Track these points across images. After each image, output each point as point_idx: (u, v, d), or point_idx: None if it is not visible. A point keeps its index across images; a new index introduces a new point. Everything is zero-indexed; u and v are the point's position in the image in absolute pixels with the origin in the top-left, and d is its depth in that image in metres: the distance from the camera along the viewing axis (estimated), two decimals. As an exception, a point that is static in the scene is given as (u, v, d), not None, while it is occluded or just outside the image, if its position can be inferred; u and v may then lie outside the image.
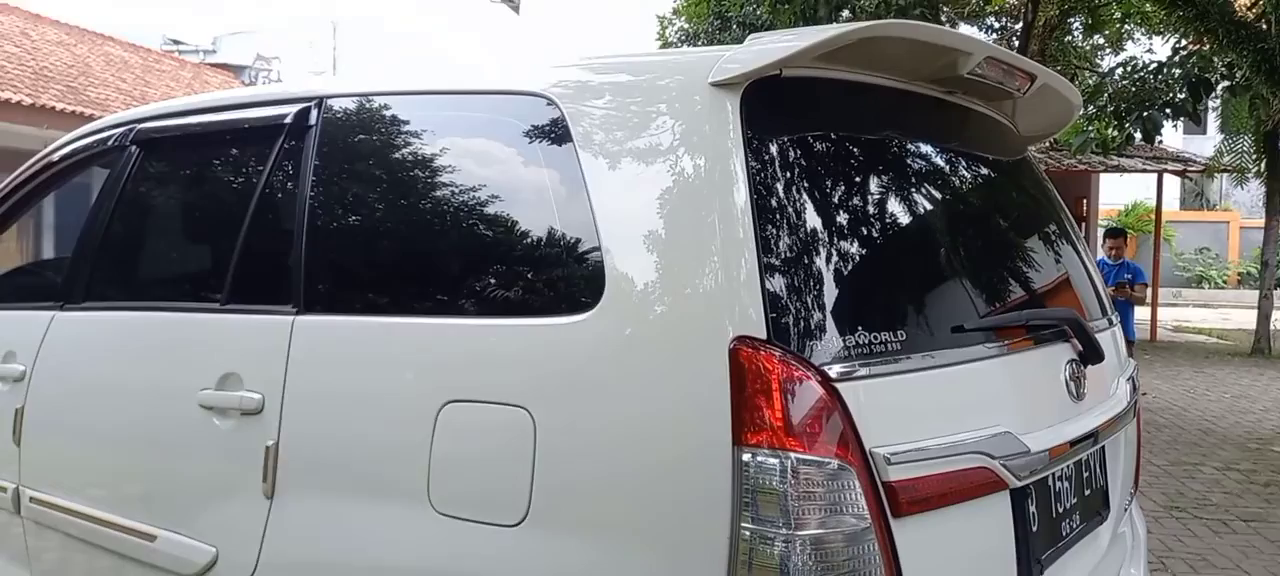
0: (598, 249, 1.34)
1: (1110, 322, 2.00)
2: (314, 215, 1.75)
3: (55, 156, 2.63)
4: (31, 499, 2.19)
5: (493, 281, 1.49)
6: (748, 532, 1.15)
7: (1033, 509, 1.52)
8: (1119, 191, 19.06)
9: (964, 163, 1.78)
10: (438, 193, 1.63)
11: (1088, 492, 1.76)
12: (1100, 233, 8.74)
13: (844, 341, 1.26)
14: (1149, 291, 10.00)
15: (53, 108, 9.88)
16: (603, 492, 1.26)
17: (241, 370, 1.73)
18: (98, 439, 2.05)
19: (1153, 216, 14.63)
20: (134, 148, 2.26)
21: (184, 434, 1.80)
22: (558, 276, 1.42)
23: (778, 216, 1.29)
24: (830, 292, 1.30)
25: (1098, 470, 1.82)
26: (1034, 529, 1.52)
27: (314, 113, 1.82)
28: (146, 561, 1.87)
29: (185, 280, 2.18)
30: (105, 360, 2.11)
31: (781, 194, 1.31)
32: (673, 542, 1.20)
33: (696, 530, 1.18)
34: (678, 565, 1.19)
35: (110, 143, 2.37)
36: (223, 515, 1.72)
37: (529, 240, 1.47)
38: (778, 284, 1.24)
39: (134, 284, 2.31)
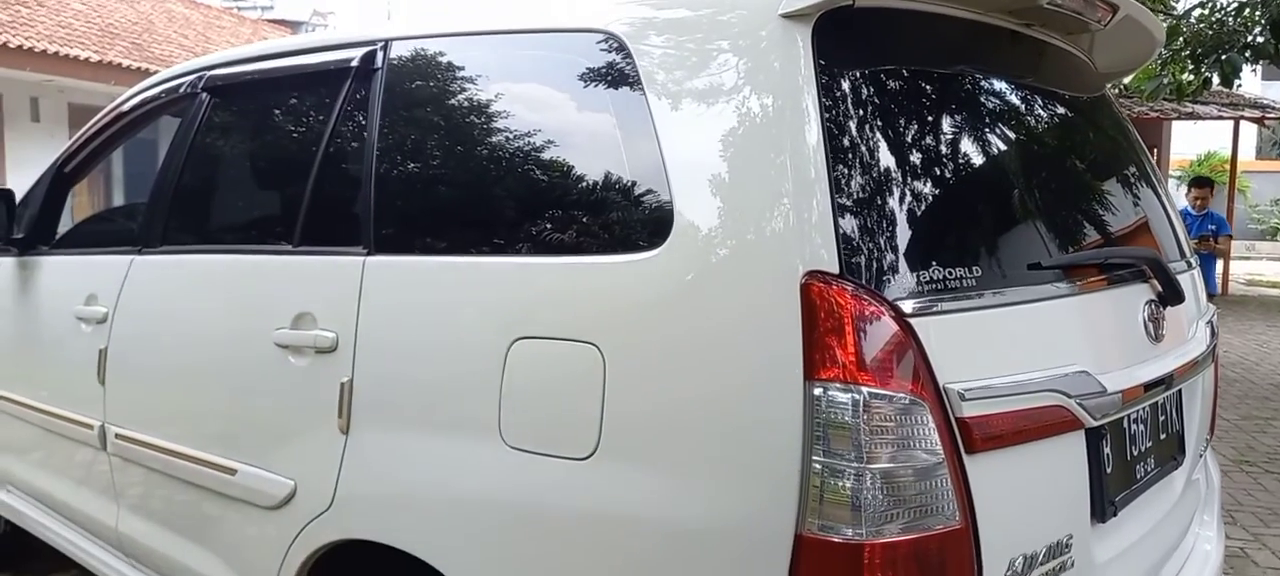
0: (666, 185, 1.34)
1: (1190, 265, 1.95)
2: (382, 157, 1.77)
3: (127, 106, 2.70)
4: (117, 436, 2.29)
5: (561, 219, 1.49)
6: (819, 466, 1.15)
7: (1107, 450, 1.49)
8: (1192, 140, 18.38)
9: (1040, 99, 1.73)
10: (503, 131, 1.64)
11: (1163, 437, 1.72)
12: (1171, 183, 8.46)
13: (917, 277, 1.25)
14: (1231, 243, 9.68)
15: (119, 64, 10.12)
16: (671, 427, 1.27)
17: (315, 310, 1.77)
18: (177, 377, 2.12)
19: (1227, 166, 14.09)
20: (205, 94, 2.31)
21: (261, 372, 1.86)
22: (626, 214, 1.42)
23: (850, 154, 1.27)
24: (903, 229, 1.28)
25: (1174, 414, 1.78)
26: (1108, 470, 1.49)
27: (379, 55, 1.83)
28: (228, 494, 1.95)
29: (258, 223, 2.23)
30: (183, 302, 2.17)
31: (854, 130, 1.29)
32: (742, 477, 1.20)
33: (767, 464, 1.18)
34: (747, 499, 1.20)
35: (181, 90, 2.42)
36: (300, 450, 1.77)
37: (596, 177, 1.47)
38: (850, 219, 1.22)
39: (208, 228, 2.38)
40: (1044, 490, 1.36)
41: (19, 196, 2.92)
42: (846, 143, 1.27)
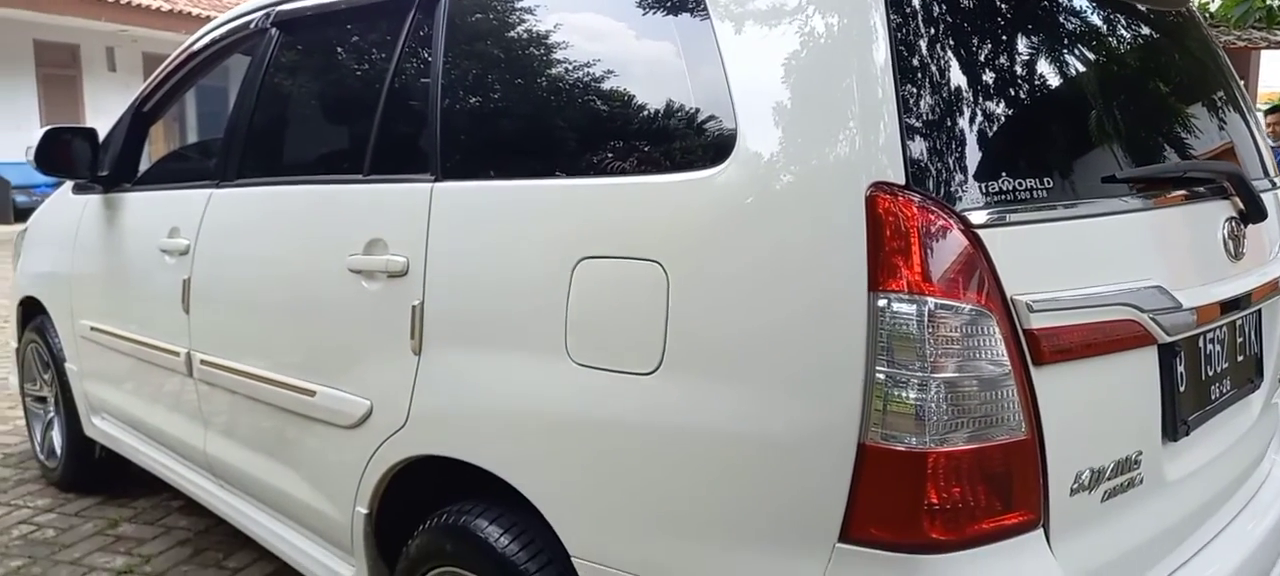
0: (729, 102, 1.33)
1: (1274, 185, 1.88)
2: (447, 84, 1.80)
3: (198, 45, 2.78)
4: (201, 361, 2.40)
5: (624, 140, 1.50)
6: (882, 377, 1.15)
7: (1181, 368, 1.47)
8: (1281, 70, 17.42)
9: (1119, 14, 1.67)
10: (566, 55, 1.65)
11: (1240, 358, 1.68)
12: (1259, 116, 8.06)
13: (986, 188, 1.23)
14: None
15: (189, 12, 10.33)
16: (734, 341, 1.28)
17: (386, 235, 1.82)
18: (256, 304, 2.21)
19: (1319, 95, 13.37)
20: (274, 30, 2.36)
21: (335, 297, 1.92)
22: (688, 131, 1.42)
23: (918, 63, 1.24)
24: (972, 142, 1.26)
25: (1252, 336, 1.73)
26: (1181, 388, 1.47)
27: (443, -17, 1.85)
28: (307, 415, 2.03)
29: (329, 154, 2.29)
30: (260, 232, 2.25)
31: (922, 43, 1.26)
32: (805, 388, 1.21)
33: (830, 375, 1.19)
34: (810, 409, 1.21)
35: (251, 27, 2.47)
36: (375, 371, 1.83)
37: (658, 96, 1.48)
38: (917, 130, 1.20)
39: (282, 160, 2.44)
40: (1114, 405, 1.34)
41: (101, 136, 3.04)
42: (914, 51, 1.24)
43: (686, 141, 1.42)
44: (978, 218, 1.20)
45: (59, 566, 2.85)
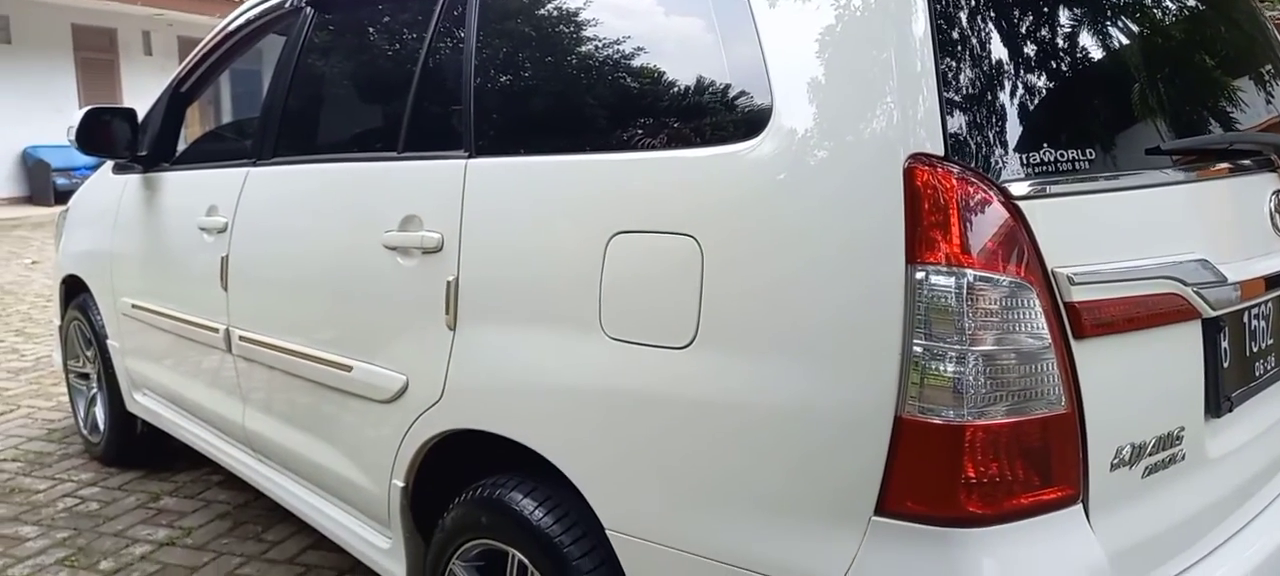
0: (764, 74, 1.32)
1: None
2: (480, 61, 1.80)
3: (234, 26, 2.80)
4: (240, 337, 2.43)
5: (658, 115, 1.50)
6: (920, 350, 1.14)
7: (1225, 344, 1.44)
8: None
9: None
10: (599, 30, 1.64)
11: (1286, 335, 1.65)
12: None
13: (1027, 159, 1.21)
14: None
15: (223, -5, 10.41)
16: (770, 314, 1.27)
17: (421, 212, 1.83)
18: (294, 281, 2.24)
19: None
20: (308, 9, 2.38)
21: (371, 273, 1.94)
22: (723, 105, 1.41)
23: (957, 32, 1.22)
24: (1012, 111, 1.24)
25: (1299, 311, 1.70)
26: (1225, 364, 1.44)
27: (477, -41, 1.85)
28: (344, 389, 2.06)
29: (364, 131, 2.31)
30: (296, 209, 2.27)
31: (963, 10, 1.24)
32: (842, 362, 1.21)
33: (867, 349, 1.18)
34: (847, 383, 1.20)
35: (286, 7, 2.49)
36: (411, 346, 1.85)
37: (692, 70, 1.47)
38: (955, 100, 1.19)
39: (317, 138, 2.47)
40: (1156, 380, 1.32)
41: (140, 116, 3.08)
42: (953, 23, 1.22)
43: (721, 115, 1.41)
44: (1018, 189, 1.18)
45: (103, 537, 2.92)
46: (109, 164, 3.34)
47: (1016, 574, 1.15)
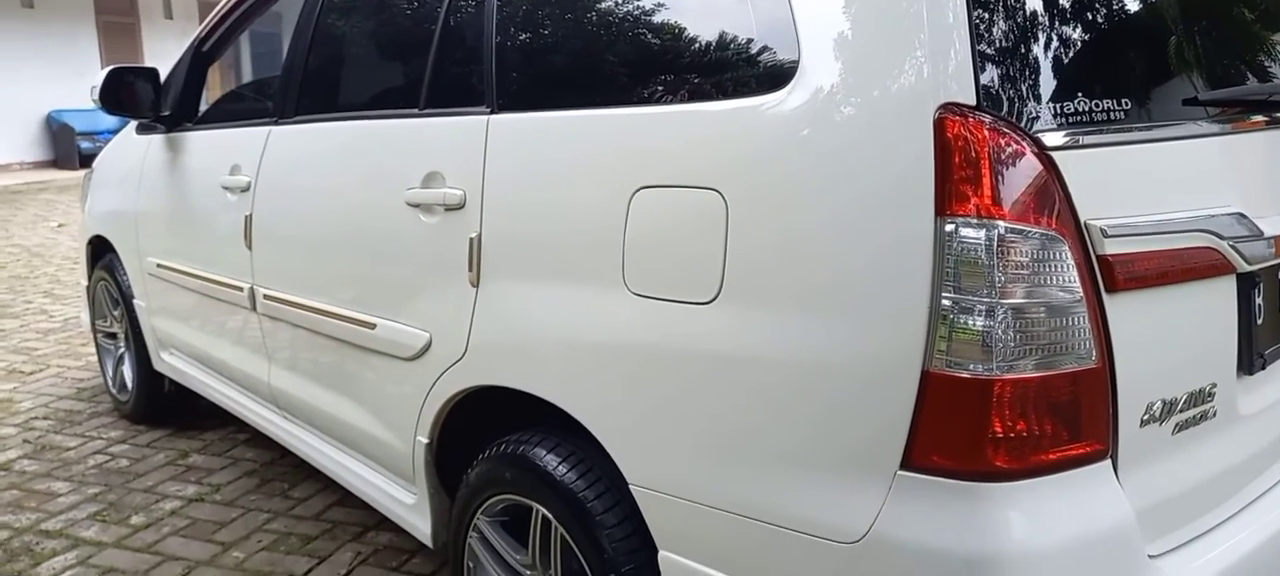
0: (791, 23, 1.30)
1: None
2: (502, 16, 1.78)
3: (254, -15, 2.79)
4: (264, 296, 2.45)
5: (682, 67, 1.48)
6: (948, 303, 1.13)
7: (1259, 300, 1.42)
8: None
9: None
10: (623, -19, 1.62)
11: (1323, 292, 1.62)
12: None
13: (1060, 109, 1.19)
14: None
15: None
16: (796, 267, 1.26)
17: (443, 168, 1.82)
18: (317, 239, 2.24)
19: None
20: (329, -34, 2.36)
21: (394, 230, 1.94)
22: (749, 56, 1.39)
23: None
24: (1046, 61, 1.22)
25: (1335, 269, 1.66)
26: (1259, 321, 1.42)
27: (498, -89, 1.82)
28: (368, 347, 2.07)
29: (385, 88, 2.30)
30: (319, 167, 2.27)
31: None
32: (868, 315, 1.19)
33: (894, 302, 1.17)
34: (873, 337, 1.19)
35: (307, -36, 2.47)
36: (434, 303, 1.86)
37: (717, 21, 1.45)
38: (988, 53, 1.16)
39: (339, 96, 2.46)
40: (1188, 335, 1.30)
41: (163, 76, 3.08)
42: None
43: (747, 67, 1.39)
44: (1051, 140, 1.16)
45: (133, 493, 2.97)
46: (132, 125, 3.35)
47: (1043, 529, 1.15)
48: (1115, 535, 1.20)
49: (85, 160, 12.96)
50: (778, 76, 1.31)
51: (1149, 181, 1.26)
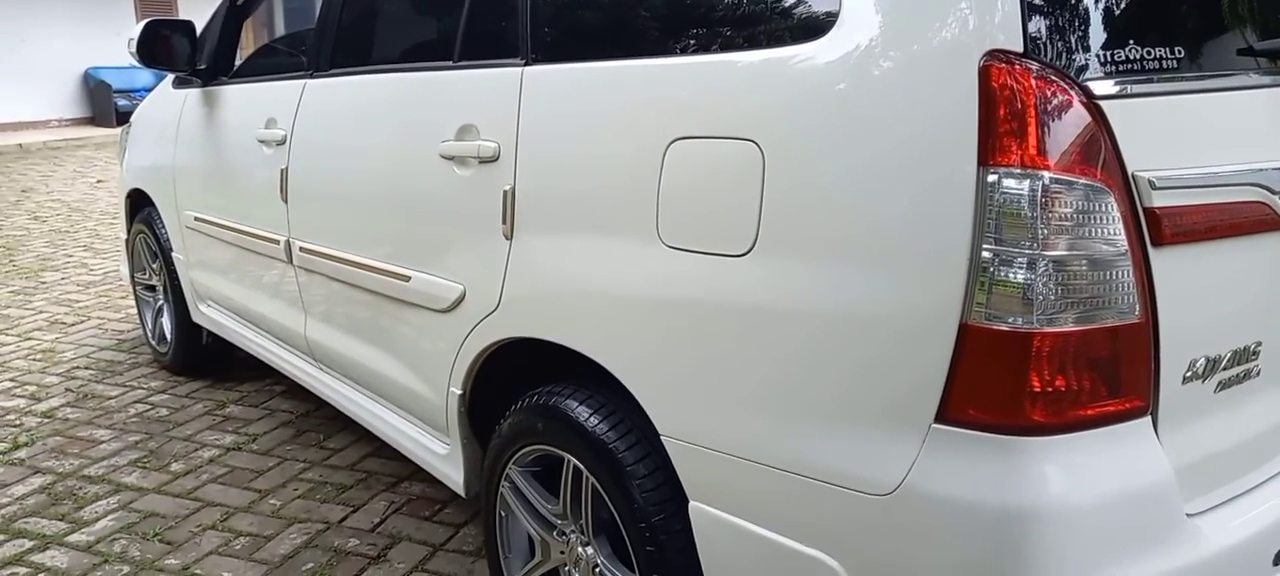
0: (832, -30, 1.27)
1: None
2: (537, -34, 1.77)
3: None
4: (300, 249, 2.47)
5: (717, 17, 1.46)
6: (989, 255, 1.11)
7: (1309, 257, 1.38)
8: None
9: None
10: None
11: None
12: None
13: (1109, 57, 1.16)
14: None
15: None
16: (833, 218, 1.25)
17: (477, 121, 1.82)
18: (352, 192, 2.25)
19: None
20: (363, -83, 2.35)
21: (428, 183, 1.95)
22: (786, 6, 1.37)
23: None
24: (1096, 5, 1.18)
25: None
26: (1308, 278, 1.39)
27: None
28: (402, 299, 2.08)
29: (419, 41, 2.29)
30: (353, 120, 2.28)
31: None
32: (905, 267, 1.18)
33: (932, 254, 1.15)
34: (911, 288, 1.17)
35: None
36: (468, 255, 1.86)
37: (757, -30, 1.42)
38: (1035, 3, 1.13)
39: (373, 49, 2.46)
40: (1235, 292, 1.28)
41: (198, 30, 3.10)
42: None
43: (785, 16, 1.37)
44: (1100, 89, 1.13)
45: (173, 442, 3.03)
46: (169, 79, 3.38)
47: (1080, 484, 1.14)
48: (1153, 492, 1.18)
49: (122, 117, 13.10)
50: (816, 25, 1.29)
51: (1199, 133, 1.22)
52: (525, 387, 1.79)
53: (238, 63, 3.11)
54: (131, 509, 2.59)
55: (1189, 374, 1.22)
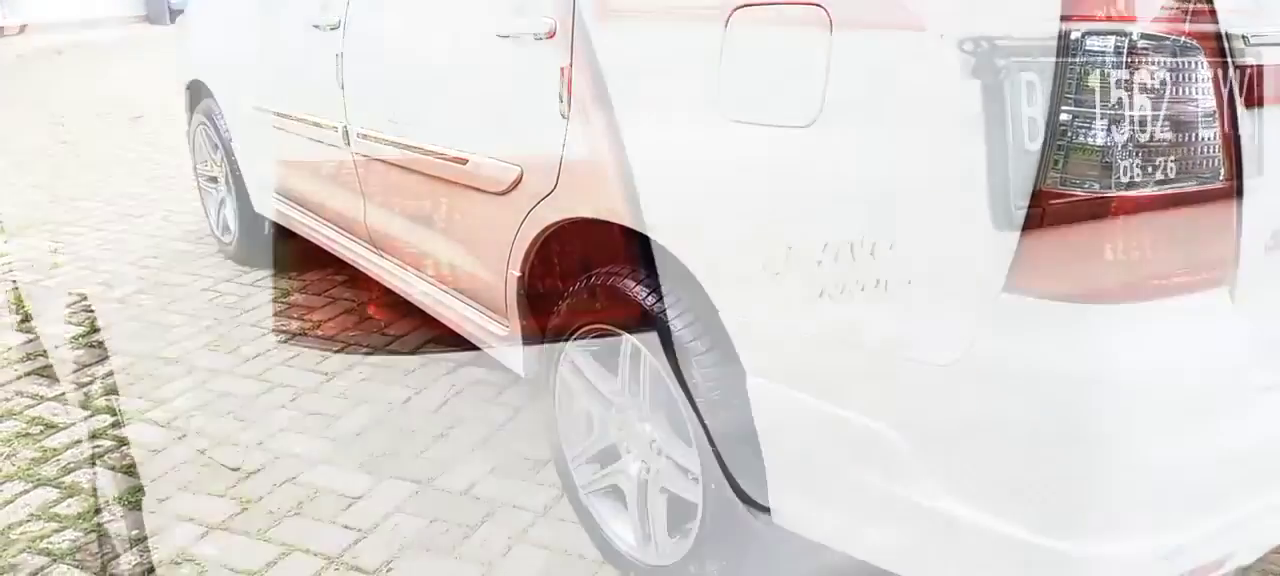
0: None
1: None
2: None
3: None
4: (359, 134, 2.48)
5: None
6: (1067, 117, 1.07)
7: None
8: None
9: None
10: None
11: None
12: None
13: (1205, -95, 1.08)
14: None
15: None
16: (902, 87, 1.21)
17: (533, -3, 1.79)
18: (407, 75, 2.25)
19: None
20: None
21: (485, 63, 1.93)
22: None
23: None
24: None
25: None
26: None
27: None
28: (460, 182, 2.09)
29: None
30: (407, 2, 2.25)
31: None
32: (979, 132, 1.14)
33: (1007, 115, 1.11)
34: (984, 155, 1.14)
35: None
36: (525, 136, 1.85)
37: None
38: None
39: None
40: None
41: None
42: None
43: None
44: (1193, -62, 1.06)
45: (242, 327, 3.13)
46: (222, -33, 3.37)
47: (1152, 355, 1.11)
48: (1225, 363, 1.15)
49: (176, 16, 13.18)
50: (889, -119, 1.22)
51: None
52: (584, 269, 1.80)
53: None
54: (206, 388, 2.70)
55: (1273, 243, 1.18)
